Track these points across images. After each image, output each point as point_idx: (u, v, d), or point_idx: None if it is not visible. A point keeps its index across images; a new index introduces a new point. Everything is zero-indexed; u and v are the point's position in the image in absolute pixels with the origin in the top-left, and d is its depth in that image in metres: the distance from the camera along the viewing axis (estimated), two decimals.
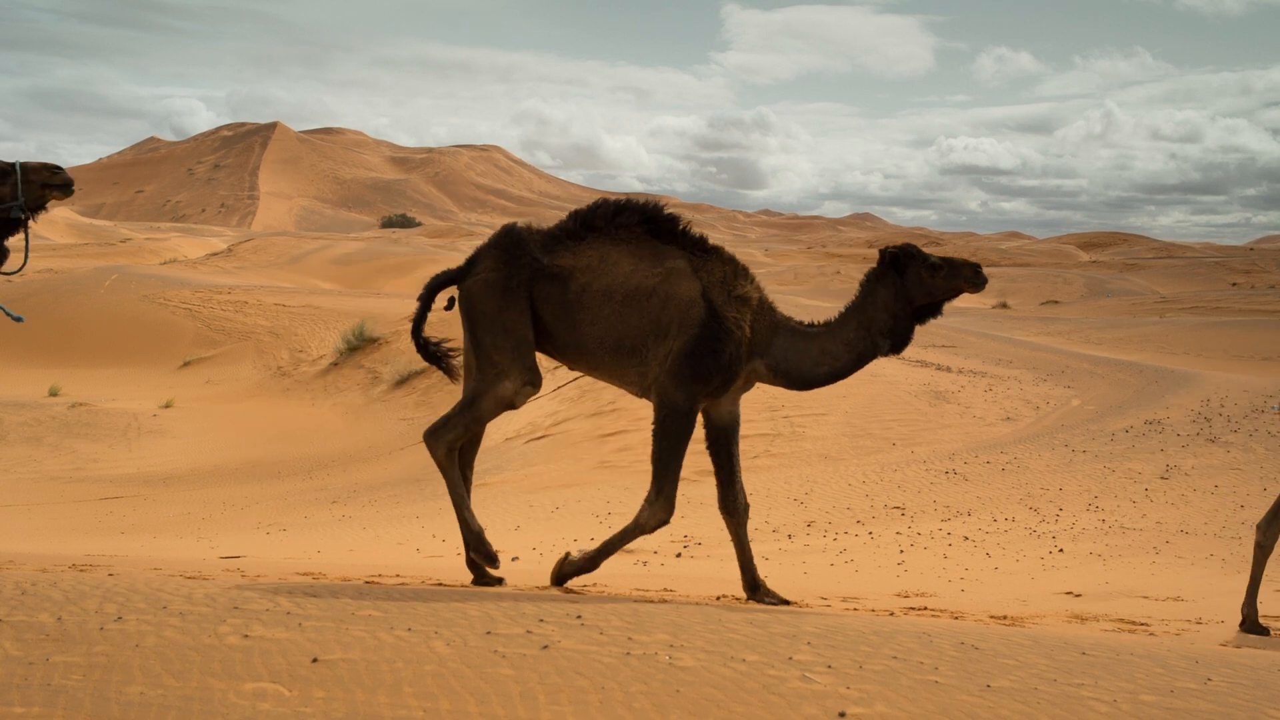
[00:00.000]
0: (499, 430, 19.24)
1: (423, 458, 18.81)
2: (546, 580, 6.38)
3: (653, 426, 5.84)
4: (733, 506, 6.07)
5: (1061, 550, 9.25)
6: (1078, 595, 7.47)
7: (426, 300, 6.20)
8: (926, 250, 5.91)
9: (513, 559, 9.68)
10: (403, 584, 5.93)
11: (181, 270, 45.96)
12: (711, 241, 5.97)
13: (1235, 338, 27.36)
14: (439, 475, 18.99)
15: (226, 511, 15.35)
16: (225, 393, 26.78)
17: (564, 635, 4.05)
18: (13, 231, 5.24)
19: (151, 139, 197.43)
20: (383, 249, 60.21)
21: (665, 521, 5.88)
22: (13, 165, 5.17)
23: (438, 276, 6.14)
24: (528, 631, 4.09)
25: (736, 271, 5.87)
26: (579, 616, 4.41)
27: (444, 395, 23.06)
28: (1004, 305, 45.32)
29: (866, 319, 5.84)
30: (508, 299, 5.79)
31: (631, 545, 10.43)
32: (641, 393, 5.91)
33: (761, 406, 16.62)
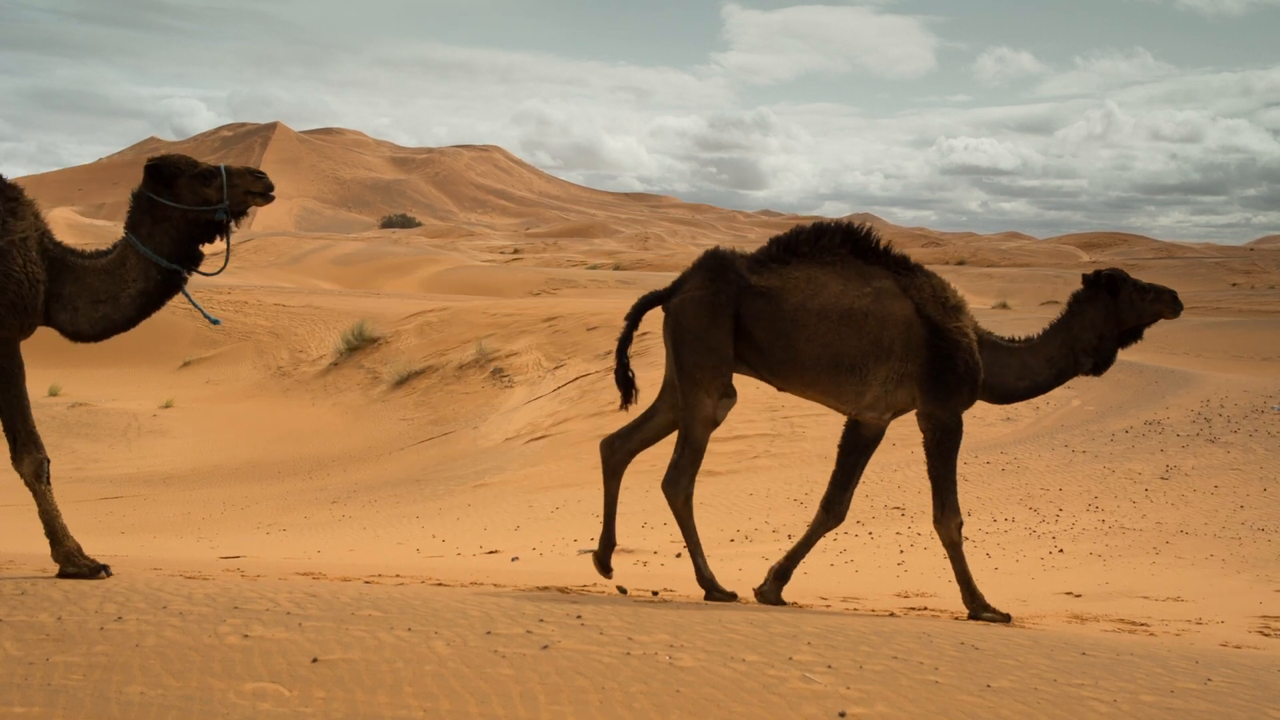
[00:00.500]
0: (499, 430, 19.24)
1: (423, 458, 18.84)
2: (548, 580, 6.38)
3: (926, 447, 6.04)
4: (837, 511, 6.23)
5: (1061, 550, 9.24)
6: (1078, 595, 7.47)
7: (633, 321, 6.26)
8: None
9: (513, 559, 9.68)
10: (402, 584, 5.93)
11: None
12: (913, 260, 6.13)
13: (1235, 338, 27.36)
14: (439, 475, 19.05)
15: (226, 511, 15.35)
16: (225, 393, 26.78)
17: (564, 635, 4.05)
18: (215, 234, 5.28)
19: (152, 139, 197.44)
20: (383, 249, 60.23)
21: (961, 524, 6.11)
22: (218, 169, 5.22)
23: (645, 297, 6.23)
24: (528, 631, 4.09)
25: (943, 285, 6.08)
26: (579, 616, 4.41)
27: (443, 395, 23.07)
28: (1004, 305, 45.31)
29: (1072, 337, 6.18)
30: (715, 317, 5.87)
31: (631, 545, 10.44)
32: (855, 411, 6.03)
33: (761, 406, 16.62)
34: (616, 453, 6.26)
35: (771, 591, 6.16)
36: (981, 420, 16.33)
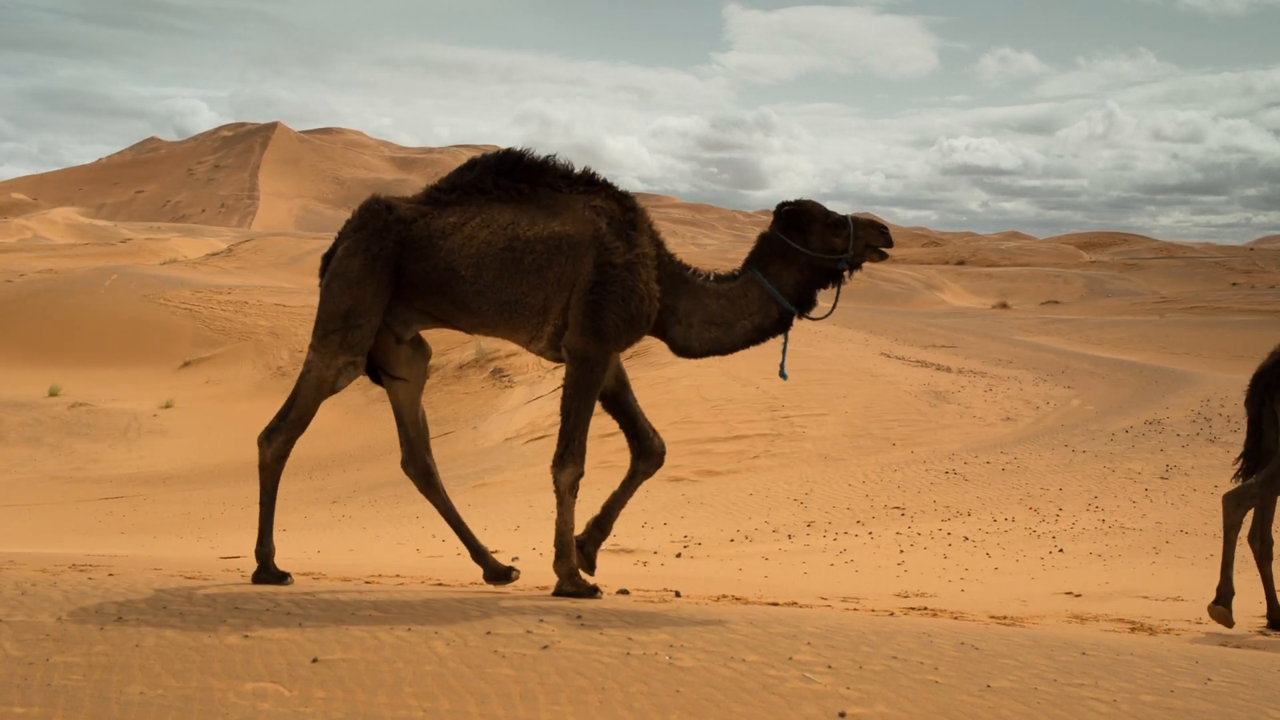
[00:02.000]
0: (499, 430, 19.23)
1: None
2: (548, 580, 6.38)
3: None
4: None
5: (1061, 550, 9.25)
6: (1078, 595, 7.47)
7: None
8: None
9: (513, 559, 9.68)
10: (403, 584, 5.93)
11: (181, 270, 45.97)
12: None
13: (1235, 338, 27.36)
14: (439, 475, 18.99)
15: (226, 511, 15.34)
16: (225, 393, 26.78)
17: (564, 635, 4.05)
18: (831, 282, 5.39)
19: (152, 139, 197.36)
20: None
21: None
22: (846, 219, 5.32)
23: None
24: (528, 631, 4.09)
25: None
26: (579, 616, 4.41)
27: (443, 395, 23.08)
28: (1004, 305, 45.31)
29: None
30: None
31: (631, 545, 10.44)
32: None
33: (762, 407, 16.63)
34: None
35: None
36: (981, 420, 16.34)
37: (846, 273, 5.33)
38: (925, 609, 6.55)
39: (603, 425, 17.21)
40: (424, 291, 5.22)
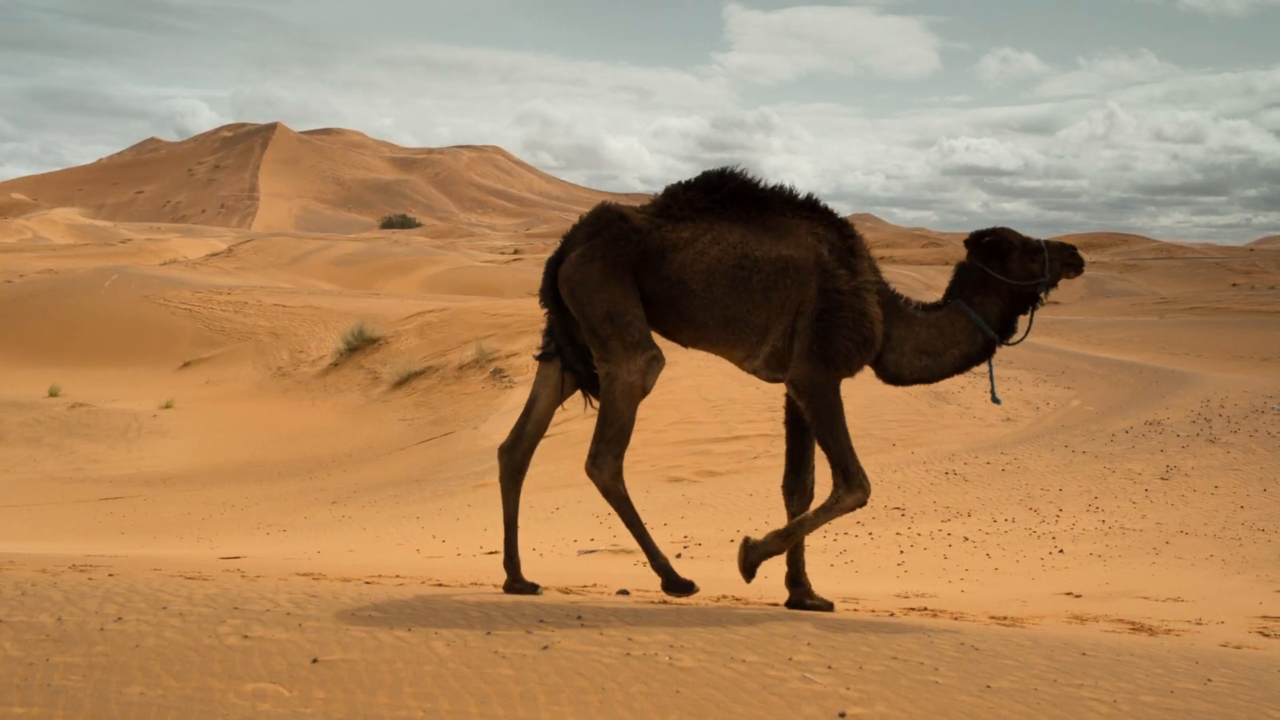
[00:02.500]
0: (499, 431, 19.23)
1: (423, 458, 18.82)
2: (548, 580, 6.37)
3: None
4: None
5: (1061, 551, 9.24)
6: (1078, 596, 7.46)
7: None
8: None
9: None
10: (403, 584, 5.93)
11: (181, 271, 45.96)
12: None
13: (1235, 338, 27.35)
14: (440, 476, 19.01)
15: (226, 512, 15.34)
16: (225, 393, 26.77)
17: (564, 635, 4.05)
18: (1029, 307, 5.51)
19: (152, 139, 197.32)
20: (383, 249, 60.23)
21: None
22: (1041, 244, 5.44)
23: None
24: (528, 631, 4.09)
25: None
26: (579, 616, 4.41)
27: (443, 395, 23.07)
28: None
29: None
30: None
31: (631, 545, 10.44)
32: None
33: (762, 407, 16.63)
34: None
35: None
36: (981, 420, 16.34)
37: (1043, 294, 5.49)
38: (925, 609, 6.55)
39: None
40: (652, 302, 5.31)
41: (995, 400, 5.87)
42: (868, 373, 5.62)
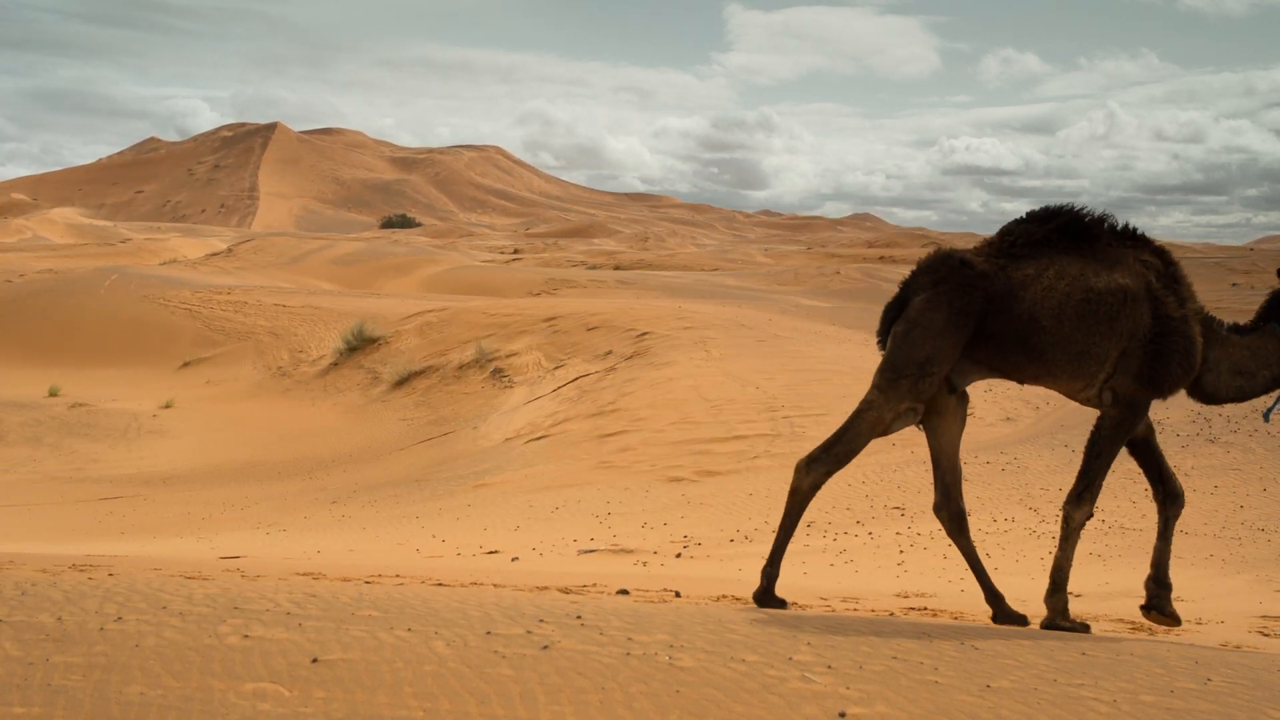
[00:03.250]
0: (499, 430, 19.24)
1: (423, 458, 18.84)
2: (548, 580, 6.38)
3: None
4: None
5: None
6: (1078, 595, 7.47)
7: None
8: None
9: (513, 559, 9.68)
10: (402, 584, 5.93)
11: (181, 270, 45.97)
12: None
13: None
14: (439, 475, 19.05)
15: (226, 512, 15.35)
16: (225, 393, 26.78)
17: (564, 635, 4.05)
18: None
19: (151, 139, 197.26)
20: (383, 249, 60.23)
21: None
22: None
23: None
24: (528, 632, 4.09)
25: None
26: (579, 616, 4.41)
27: (443, 395, 23.08)
28: None
29: None
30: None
31: (631, 545, 10.44)
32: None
33: (762, 407, 16.63)
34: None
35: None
36: (981, 420, 16.34)
37: None
38: (925, 609, 6.55)
39: (602, 426, 17.25)
40: (999, 342, 5.46)
41: (1266, 418, 6.00)
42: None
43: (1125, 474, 12.04)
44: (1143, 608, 5.70)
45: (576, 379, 20.46)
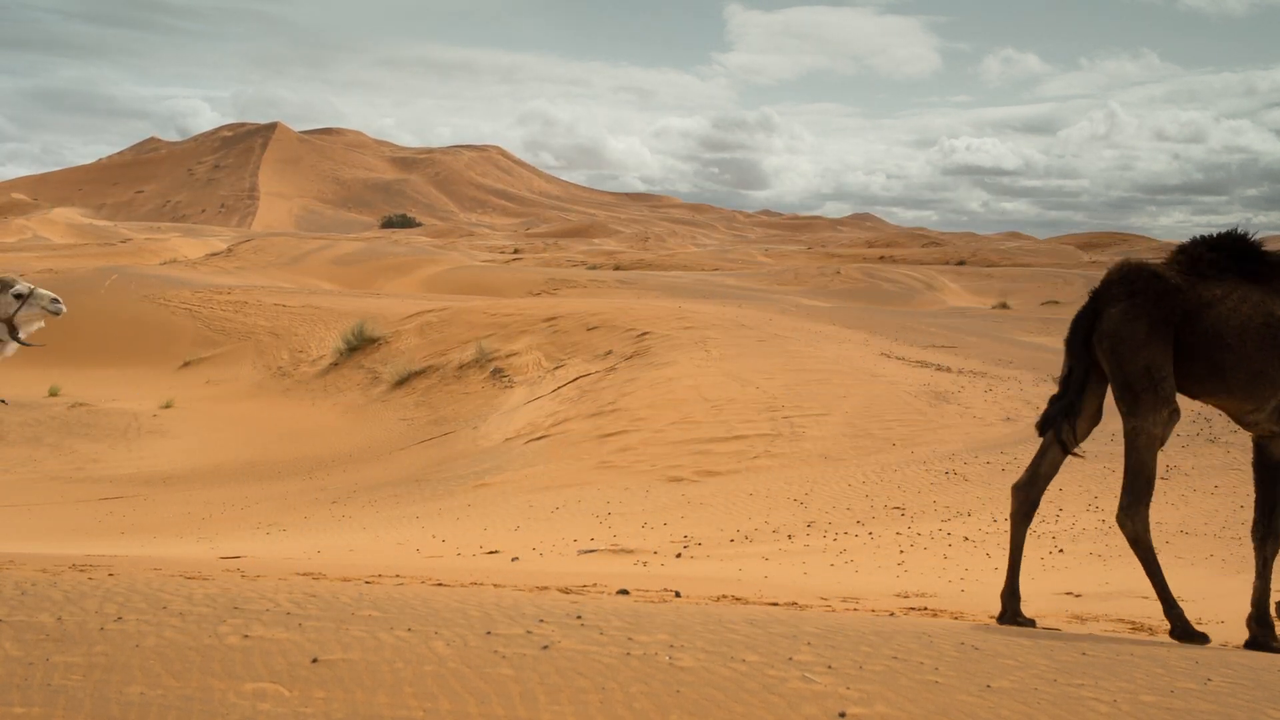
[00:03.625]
0: (499, 430, 19.24)
1: (423, 458, 18.84)
2: (548, 580, 6.38)
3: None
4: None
5: (1061, 550, 9.25)
6: (1078, 595, 7.47)
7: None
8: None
9: (513, 559, 9.68)
10: (402, 584, 5.93)
11: (181, 270, 45.97)
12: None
13: None
14: (439, 475, 19.08)
15: (226, 511, 15.35)
16: (225, 393, 26.78)
17: (564, 635, 4.05)
18: None
19: (152, 139, 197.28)
20: (383, 249, 60.25)
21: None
22: None
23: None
24: (528, 632, 4.09)
25: None
26: (579, 616, 4.41)
27: (443, 395, 23.07)
28: (1004, 305, 45.29)
29: None
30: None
31: (631, 545, 10.44)
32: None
33: (762, 407, 16.63)
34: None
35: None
36: (981, 420, 16.33)
37: None
38: (925, 609, 6.55)
39: (602, 426, 17.25)
40: (1185, 356, 5.63)
41: None
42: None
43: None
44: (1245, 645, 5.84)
45: (576, 379, 20.46)
